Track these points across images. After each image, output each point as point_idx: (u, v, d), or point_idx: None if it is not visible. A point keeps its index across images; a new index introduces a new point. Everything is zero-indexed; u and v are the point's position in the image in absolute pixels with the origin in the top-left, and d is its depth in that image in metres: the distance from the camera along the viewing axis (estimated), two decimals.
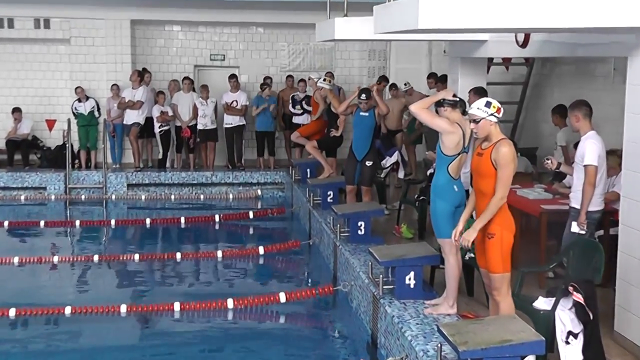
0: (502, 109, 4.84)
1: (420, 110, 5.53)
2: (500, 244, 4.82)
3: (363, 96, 8.61)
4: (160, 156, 13.24)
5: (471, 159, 5.09)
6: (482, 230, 4.87)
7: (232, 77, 13.20)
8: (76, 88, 13.25)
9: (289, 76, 13.92)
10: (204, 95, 13.04)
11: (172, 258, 8.82)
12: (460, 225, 5.09)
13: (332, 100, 10.10)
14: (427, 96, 7.47)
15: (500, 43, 7.69)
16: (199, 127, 13.06)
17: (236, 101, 13.12)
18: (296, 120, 12.98)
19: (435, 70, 12.45)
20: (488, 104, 4.80)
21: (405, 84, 12.06)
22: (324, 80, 10.40)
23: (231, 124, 13.11)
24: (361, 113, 8.62)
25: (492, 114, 4.79)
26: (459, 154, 5.51)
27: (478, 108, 4.81)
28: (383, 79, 12.16)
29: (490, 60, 10.76)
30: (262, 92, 13.10)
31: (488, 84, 8.48)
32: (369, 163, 8.66)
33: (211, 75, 14.48)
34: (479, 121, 4.80)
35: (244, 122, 13.27)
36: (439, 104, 5.64)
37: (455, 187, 5.58)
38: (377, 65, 14.63)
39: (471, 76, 8.31)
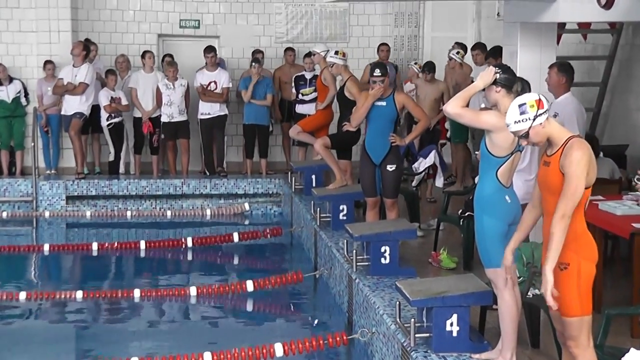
0: (543, 99, 4.85)
1: (460, 110, 5.56)
2: (577, 278, 4.83)
3: (377, 72, 8.57)
4: (111, 158, 13.31)
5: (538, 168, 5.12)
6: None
7: (210, 50, 13.28)
8: None
9: (289, 49, 13.97)
10: (170, 75, 13.11)
11: (128, 297, 8.83)
12: (509, 256, 5.12)
13: (350, 84, 10.10)
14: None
15: (575, 2, 7.71)
16: (164, 119, 13.16)
17: (215, 83, 13.18)
18: (300, 109, 13.02)
19: (486, 40, 12.50)
20: (522, 107, 4.84)
21: (457, 52, 12.07)
22: (337, 53, 10.44)
23: (208, 114, 13.18)
24: (377, 102, 8.62)
25: (536, 116, 4.81)
26: (511, 153, 5.53)
27: (515, 122, 4.84)
28: (429, 67, 12.11)
29: (562, 26, 10.77)
30: (251, 71, 13.15)
31: (558, 58, 8.50)
32: (391, 167, 8.68)
33: (181, 48, 14.58)
34: (527, 135, 4.84)
35: (226, 112, 13.34)
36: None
37: (507, 197, 5.61)
38: (406, 33, 14.71)
39: (535, 48, 8.31)
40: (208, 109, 13.16)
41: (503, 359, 5.63)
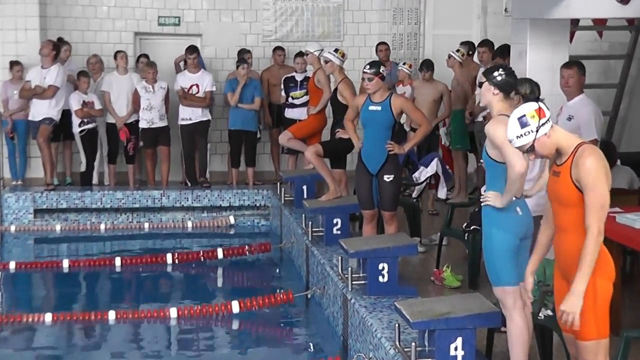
0: (543, 107, 4.86)
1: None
2: (592, 297, 4.82)
3: (367, 68, 8.56)
4: (83, 168, 13.31)
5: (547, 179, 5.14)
6: (565, 277, 4.88)
7: (192, 50, 13.30)
8: None
9: (278, 48, 13.98)
10: (149, 77, 13.15)
11: (102, 319, 8.80)
12: (530, 278, 5.14)
13: (342, 87, 10.12)
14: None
15: None
16: (143, 124, 13.18)
17: (197, 86, 13.20)
18: (290, 114, 13.05)
19: (492, 38, 12.53)
20: (523, 119, 4.85)
21: (456, 50, 12.12)
22: (336, 51, 10.42)
23: (190, 119, 13.22)
24: (371, 107, 8.62)
25: (539, 126, 4.82)
26: None
27: (518, 136, 4.87)
28: (427, 65, 12.13)
29: (575, 22, 10.81)
30: (238, 72, 13.13)
31: (571, 57, 8.52)
32: (388, 178, 8.67)
33: (160, 48, 14.60)
34: (532, 148, 4.87)
35: (209, 117, 13.37)
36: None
37: (518, 209, 5.63)
38: (405, 31, 14.74)
39: (546, 46, 8.35)
40: (189, 114, 13.19)
41: None
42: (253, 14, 14.84)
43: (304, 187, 11.43)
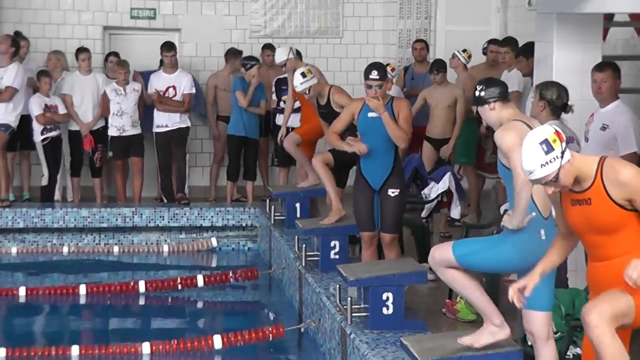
0: (559, 130, 4.87)
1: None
2: None
3: (374, 74, 8.50)
4: (44, 182, 13.32)
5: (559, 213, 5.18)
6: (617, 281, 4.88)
7: (169, 48, 13.34)
8: None
9: (267, 46, 13.98)
10: (120, 78, 13.18)
11: (63, 355, 8.77)
12: (536, 279, 5.21)
13: (336, 96, 10.09)
14: None
15: None
16: (112, 132, 13.22)
17: (174, 88, 13.22)
18: (281, 121, 13.03)
19: (514, 36, 12.54)
20: (545, 145, 4.81)
21: (463, 51, 12.16)
22: (304, 76, 10.23)
23: (166, 126, 13.26)
24: (370, 113, 8.60)
25: (563, 151, 4.80)
26: None
27: (543, 165, 4.82)
28: (438, 65, 12.13)
29: (609, 18, 10.82)
30: (250, 73, 13.04)
31: (604, 58, 8.53)
32: (393, 192, 8.65)
33: (132, 45, 14.62)
34: (556, 178, 4.85)
35: (188, 124, 13.39)
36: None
37: (542, 232, 5.71)
38: (414, 26, 14.77)
39: (576, 45, 8.36)
40: (165, 121, 13.22)
41: (493, 326, 5.92)
42: (239, 6, 14.86)
43: (297, 205, 11.43)
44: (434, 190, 10.58)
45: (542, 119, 7.04)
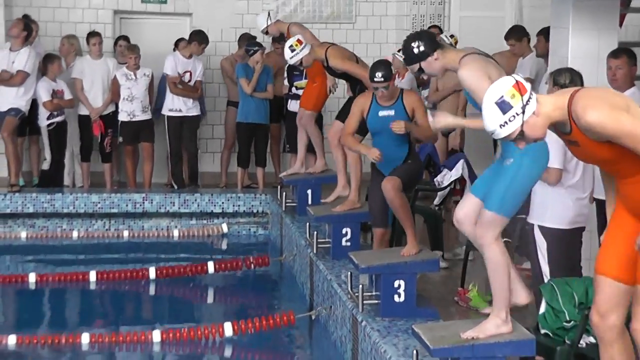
0: (520, 80, 4.76)
1: None
2: None
3: (379, 76, 8.31)
4: (46, 166, 13.40)
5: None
6: (629, 205, 4.87)
7: (198, 35, 13.43)
8: None
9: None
10: (131, 63, 13.21)
11: (73, 342, 8.78)
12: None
13: (332, 59, 9.96)
14: None
15: None
16: (122, 117, 13.26)
17: (190, 73, 13.24)
18: (294, 106, 13.04)
19: (529, 22, 12.54)
20: (502, 104, 4.68)
21: (450, 36, 12.19)
22: (292, 50, 10.20)
23: (180, 110, 13.29)
24: (381, 112, 8.58)
25: (524, 106, 4.68)
26: None
27: (502, 125, 4.71)
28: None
29: (626, 4, 10.80)
30: (253, 58, 13.13)
31: (620, 45, 8.52)
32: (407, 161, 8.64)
33: (143, 29, 14.64)
34: (522, 134, 4.75)
35: (200, 112, 13.41)
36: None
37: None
38: (428, 11, 14.75)
39: (592, 31, 8.35)
40: (180, 105, 13.30)
41: (499, 319, 5.87)
42: None
43: (309, 192, 11.43)
44: (446, 177, 10.58)
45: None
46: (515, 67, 11.48)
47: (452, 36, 12.26)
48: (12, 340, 8.75)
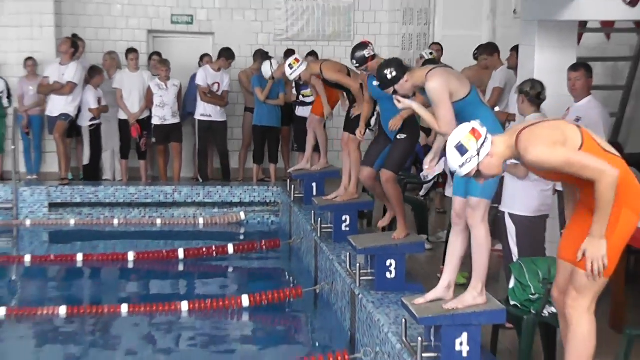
0: (476, 127, 4.73)
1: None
2: (612, 227, 4.69)
3: (353, 63, 8.46)
4: (86, 161, 13.47)
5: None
6: (586, 207, 4.82)
7: (227, 52, 13.42)
8: None
9: (288, 52, 13.95)
10: (162, 74, 13.23)
11: (114, 312, 8.88)
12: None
13: (326, 73, 9.96)
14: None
15: None
16: (155, 121, 13.27)
17: (218, 84, 13.30)
18: (301, 112, 13.10)
19: (501, 39, 12.54)
20: (459, 147, 4.67)
21: (430, 53, 12.12)
22: (291, 67, 10.31)
23: (209, 116, 13.33)
24: (374, 82, 8.35)
25: (479, 149, 4.66)
26: None
27: (461, 165, 4.73)
28: (430, 64, 12.00)
29: (583, 24, 10.81)
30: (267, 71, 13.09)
31: (579, 60, 8.54)
32: (400, 136, 8.41)
33: (173, 46, 14.65)
34: (478, 173, 4.75)
35: (225, 118, 13.48)
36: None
37: None
38: (415, 31, 14.75)
39: (554, 48, 8.35)
40: (210, 111, 13.33)
41: (475, 291, 5.91)
42: (265, 13, 14.88)
43: (314, 185, 11.46)
44: (431, 172, 10.59)
45: (525, 112, 7.10)
46: (485, 78, 11.49)
47: (431, 53, 12.24)
48: (62, 310, 8.82)
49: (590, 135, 4.78)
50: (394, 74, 6.48)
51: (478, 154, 4.65)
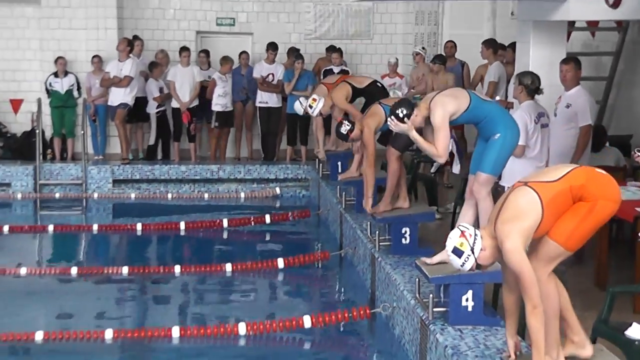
0: (463, 229, 4.62)
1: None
2: (589, 210, 4.55)
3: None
4: (151, 142, 13.47)
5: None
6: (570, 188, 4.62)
7: (273, 47, 13.47)
8: (57, 59, 13.49)
9: (330, 48, 13.74)
10: (224, 69, 13.25)
11: (169, 272, 8.92)
12: (511, 342, 4.90)
13: (336, 100, 9.96)
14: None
15: (584, 2, 7.67)
16: (217, 108, 13.30)
17: (272, 75, 13.32)
18: None
19: (501, 38, 12.42)
20: (456, 251, 4.59)
21: (422, 48, 12.03)
22: (310, 107, 10.19)
23: (267, 103, 13.40)
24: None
25: (472, 247, 4.56)
26: None
27: (462, 265, 4.61)
28: (439, 59, 11.97)
29: (572, 24, 10.71)
30: (295, 66, 13.10)
31: (568, 54, 8.46)
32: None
33: (217, 44, 14.62)
34: (479, 266, 4.65)
35: (281, 104, 13.47)
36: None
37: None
38: (426, 30, 14.64)
39: (547, 45, 8.30)
40: (267, 99, 13.37)
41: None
42: (296, 15, 14.84)
43: (339, 163, 11.40)
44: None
45: (521, 99, 7.06)
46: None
47: (423, 48, 12.20)
48: (125, 270, 8.89)
49: (546, 190, 4.56)
50: (405, 111, 6.24)
51: (472, 252, 4.59)
